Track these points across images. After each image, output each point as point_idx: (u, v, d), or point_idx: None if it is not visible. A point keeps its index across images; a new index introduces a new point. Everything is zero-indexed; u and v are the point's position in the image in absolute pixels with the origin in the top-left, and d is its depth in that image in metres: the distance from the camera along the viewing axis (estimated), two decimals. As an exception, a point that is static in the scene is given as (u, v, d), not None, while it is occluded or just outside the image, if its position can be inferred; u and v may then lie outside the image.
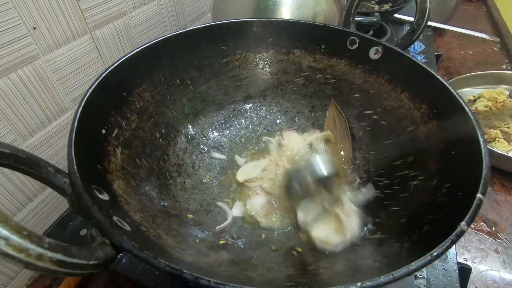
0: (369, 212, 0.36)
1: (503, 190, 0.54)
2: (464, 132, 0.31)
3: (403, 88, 0.41)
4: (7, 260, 0.15)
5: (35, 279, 0.44)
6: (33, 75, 0.39)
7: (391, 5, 0.88)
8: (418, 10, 0.47)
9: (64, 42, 0.42)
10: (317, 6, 0.56)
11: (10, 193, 0.39)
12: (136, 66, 0.39)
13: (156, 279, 0.35)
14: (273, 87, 0.52)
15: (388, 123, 0.43)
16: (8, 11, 0.35)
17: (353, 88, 0.47)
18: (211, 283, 0.19)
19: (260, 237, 0.37)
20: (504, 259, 0.45)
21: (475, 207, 0.24)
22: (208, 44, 0.46)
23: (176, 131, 0.45)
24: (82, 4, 0.43)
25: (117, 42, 0.51)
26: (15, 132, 0.39)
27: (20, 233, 0.16)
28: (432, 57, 0.77)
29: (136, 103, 0.39)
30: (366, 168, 0.43)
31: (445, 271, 0.37)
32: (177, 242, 0.30)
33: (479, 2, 1.22)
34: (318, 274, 0.30)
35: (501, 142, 0.57)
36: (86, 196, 0.23)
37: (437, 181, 0.31)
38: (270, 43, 0.50)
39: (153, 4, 0.57)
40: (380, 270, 0.21)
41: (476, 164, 0.27)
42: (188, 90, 0.46)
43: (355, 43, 0.46)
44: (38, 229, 0.45)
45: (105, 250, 0.21)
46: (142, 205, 0.31)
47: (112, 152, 0.33)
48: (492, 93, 0.64)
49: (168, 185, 0.39)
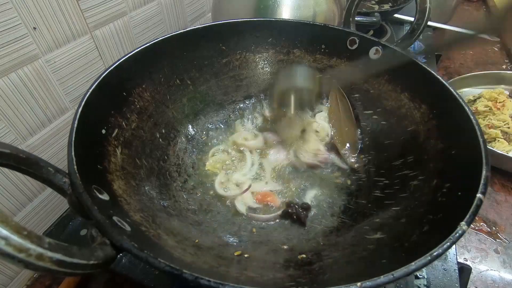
0: (368, 212, 0.36)
1: (503, 190, 0.54)
2: (464, 132, 0.31)
3: (403, 88, 0.41)
4: (7, 260, 0.15)
5: (35, 279, 0.44)
6: (33, 75, 0.39)
7: (391, 5, 0.88)
8: (418, 10, 0.47)
9: (64, 42, 0.42)
10: (317, 6, 0.56)
11: (10, 193, 0.39)
12: (136, 66, 0.39)
13: (156, 279, 0.35)
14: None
15: (388, 123, 0.43)
16: (8, 11, 0.35)
17: (353, 88, 0.47)
18: (211, 283, 0.19)
19: (260, 237, 0.37)
20: (504, 259, 0.45)
21: (475, 207, 0.24)
22: (208, 44, 0.46)
23: (176, 131, 0.45)
24: (82, 4, 0.43)
25: (117, 42, 0.51)
26: (15, 132, 0.39)
27: (20, 233, 0.16)
28: (432, 57, 0.77)
29: (136, 103, 0.39)
30: (366, 168, 0.43)
31: (445, 271, 0.37)
32: (177, 242, 0.30)
33: (479, 2, 1.22)
34: (318, 274, 0.30)
35: (501, 142, 0.57)
36: (86, 196, 0.23)
37: (437, 181, 0.31)
38: (270, 43, 0.50)
39: (153, 4, 0.57)
40: (380, 270, 0.21)
41: (476, 164, 0.27)
42: (188, 90, 0.46)
43: (355, 43, 0.46)
44: (38, 229, 0.45)
45: (105, 250, 0.21)
46: (142, 205, 0.31)
47: (112, 152, 0.33)
48: (492, 93, 0.64)
49: (168, 185, 0.39)
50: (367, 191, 0.40)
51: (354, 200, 0.40)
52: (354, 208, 0.39)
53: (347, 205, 0.40)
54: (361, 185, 0.42)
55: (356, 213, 0.38)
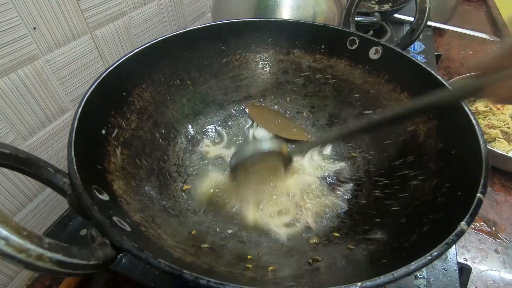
0: (368, 212, 0.36)
1: (503, 190, 0.54)
2: (464, 132, 0.31)
3: (403, 88, 0.41)
4: (7, 260, 0.15)
5: (35, 279, 0.44)
6: (33, 75, 0.39)
7: (391, 5, 0.88)
8: (418, 10, 0.47)
9: (64, 42, 0.42)
10: (317, 6, 0.56)
11: (10, 193, 0.39)
12: (136, 66, 0.39)
13: (156, 279, 0.35)
14: (273, 87, 0.52)
15: (388, 123, 0.43)
16: (8, 11, 0.35)
17: (353, 88, 0.47)
18: (211, 283, 0.19)
19: (260, 237, 0.37)
20: (504, 259, 0.45)
21: (475, 207, 0.24)
22: (208, 44, 0.46)
23: (176, 131, 0.45)
24: (82, 4, 0.43)
25: (117, 42, 0.51)
26: (15, 132, 0.39)
27: (20, 233, 0.16)
28: (432, 57, 0.77)
29: (136, 103, 0.39)
30: (366, 168, 0.43)
31: (445, 271, 0.37)
32: (177, 242, 0.30)
33: (479, 2, 1.22)
34: (318, 273, 0.30)
35: (501, 142, 0.57)
36: (86, 196, 0.23)
37: (437, 181, 0.31)
38: (270, 43, 0.50)
39: (153, 4, 0.57)
40: (380, 270, 0.21)
41: (476, 164, 0.27)
42: (188, 90, 0.46)
43: (355, 43, 0.46)
44: (38, 229, 0.45)
45: (105, 250, 0.21)
46: (142, 205, 0.31)
47: (112, 152, 0.33)
48: (492, 93, 0.64)
49: (168, 185, 0.39)
50: (367, 191, 0.40)
51: (354, 200, 0.40)
52: (354, 208, 0.39)
53: (347, 205, 0.40)
54: (361, 185, 0.42)
55: (356, 213, 0.38)
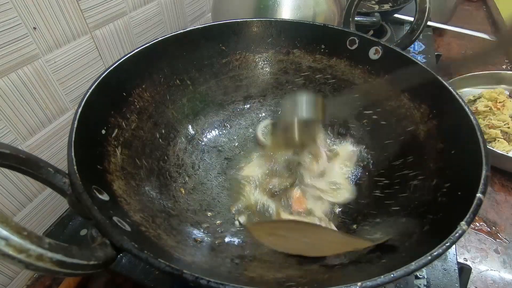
0: (368, 212, 0.36)
1: (503, 190, 0.54)
2: (464, 132, 0.31)
3: (403, 88, 0.41)
4: (7, 260, 0.15)
5: (35, 279, 0.44)
6: (33, 75, 0.39)
7: (391, 5, 0.88)
8: (418, 10, 0.47)
9: (64, 42, 0.42)
10: (317, 6, 0.56)
11: (10, 193, 0.39)
12: (136, 66, 0.39)
13: (156, 279, 0.35)
14: (272, 87, 0.52)
15: (388, 123, 0.43)
16: (8, 11, 0.35)
17: (353, 88, 0.47)
18: (211, 283, 0.19)
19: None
20: (504, 259, 0.45)
21: (475, 207, 0.24)
22: (208, 44, 0.46)
23: (176, 132, 0.45)
24: (82, 4, 0.43)
25: (117, 42, 0.51)
26: (15, 132, 0.39)
27: (20, 233, 0.16)
28: (432, 57, 0.77)
29: (136, 103, 0.39)
30: (366, 168, 0.43)
31: (445, 271, 0.37)
32: (177, 242, 0.30)
33: (479, 2, 1.22)
34: (318, 273, 0.30)
35: (501, 142, 0.57)
36: (86, 196, 0.23)
37: (437, 181, 0.31)
38: (270, 43, 0.50)
39: (153, 4, 0.57)
40: (380, 270, 0.21)
41: (476, 164, 0.27)
42: (188, 90, 0.46)
43: (355, 43, 0.46)
44: (38, 229, 0.45)
45: (105, 251, 0.21)
46: (142, 205, 0.31)
47: (112, 152, 0.33)
48: (492, 93, 0.64)
49: (168, 185, 0.39)
50: (367, 191, 0.40)
51: (354, 200, 0.40)
52: (354, 208, 0.39)
53: (347, 205, 0.40)
54: (361, 185, 0.42)
55: (356, 213, 0.38)
